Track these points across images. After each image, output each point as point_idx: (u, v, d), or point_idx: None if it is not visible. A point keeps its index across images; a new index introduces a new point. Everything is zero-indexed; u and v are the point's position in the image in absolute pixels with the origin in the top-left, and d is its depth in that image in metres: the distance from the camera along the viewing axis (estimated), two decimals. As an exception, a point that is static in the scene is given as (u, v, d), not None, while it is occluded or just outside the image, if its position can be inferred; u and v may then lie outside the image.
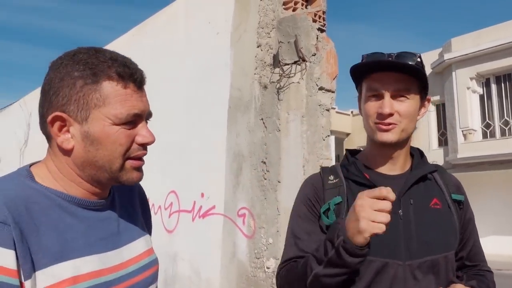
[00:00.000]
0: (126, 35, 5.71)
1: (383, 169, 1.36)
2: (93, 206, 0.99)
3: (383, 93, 1.27)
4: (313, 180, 1.43)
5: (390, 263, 1.23)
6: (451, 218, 1.32)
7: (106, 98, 0.92)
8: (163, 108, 4.65)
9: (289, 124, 3.41)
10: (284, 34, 3.53)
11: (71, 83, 0.91)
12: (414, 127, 1.33)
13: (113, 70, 0.93)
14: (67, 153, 0.95)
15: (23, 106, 8.16)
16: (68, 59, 0.94)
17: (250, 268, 3.52)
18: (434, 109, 17.32)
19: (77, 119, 0.92)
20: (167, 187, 4.53)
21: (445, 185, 1.36)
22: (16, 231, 0.82)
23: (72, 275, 0.88)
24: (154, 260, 1.13)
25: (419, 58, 1.28)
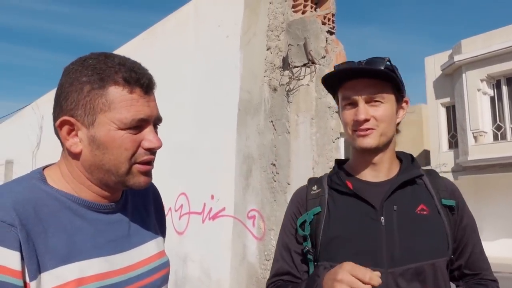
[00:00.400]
0: (136, 39, 5.76)
1: (367, 176, 1.35)
2: (103, 209, 1.00)
3: (357, 100, 1.28)
4: (298, 192, 1.47)
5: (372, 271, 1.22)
6: (440, 224, 1.27)
7: (112, 103, 0.93)
8: (173, 111, 4.69)
9: (299, 127, 3.43)
10: (293, 36, 3.55)
11: (79, 88, 0.93)
12: (394, 130, 1.33)
13: (120, 75, 0.94)
14: (76, 156, 0.97)
15: (35, 109, 8.26)
16: (79, 64, 0.96)
17: (260, 270, 3.54)
18: (444, 111, 17.21)
19: (84, 124, 0.94)
20: (177, 189, 4.56)
21: (435, 190, 1.32)
22: (22, 233, 0.84)
23: (77, 276, 0.89)
24: (165, 263, 1.13)
25: (388, 62, 1.28)
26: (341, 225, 1.29)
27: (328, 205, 1.34)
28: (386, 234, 1.24)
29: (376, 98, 1.27)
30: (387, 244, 1.23)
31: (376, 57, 1.30)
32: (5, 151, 9.86)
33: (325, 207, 1.33)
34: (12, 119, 10.58)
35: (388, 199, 1.28)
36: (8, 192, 0.90)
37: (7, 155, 9.70)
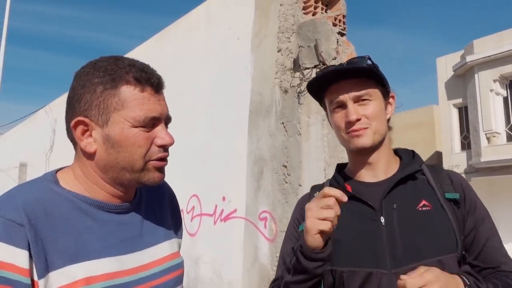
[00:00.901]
0: (148, 42, 5.81)
1: (365, 177, 1.33)
2: (115, 209, 1.02)
3: (345, 101, 1.27)
4: (301, 199, 1.47)
5: (374, 272, 1.19)
6: (445, 220, 1.22)
7: (125, 101, 0.96)
8: (185, 113, 4.72)
9: (310, 128, 3.43)
10: (304, 38, 3.56)
11: (92, 89, 0.96)
12: (386, 128, 1.31)
13: (131, 75, 0.97)
14: (91, 156, 0.99)
15: (48, 113, 8.36)
16: (90, 67, 0.99)
17: (272, 271, 3.54)
18: (456, 112, 17.05)
19: (98, 123, 0.96)
20: (189, 191, 4.58)
21: (438, 184, 1.28)
22: (31, 232, 0.86)
23: (85, 275, 0.90)
24: (178, 264, 1.14)
25: (369, 60, 1.28)
26: (342, 229, 1.25)
27: None
28: (386, 234, 1.22)
29: (364, 96, 1.26)
30: (389, 245, 1.21)
31: (356, 57, 1.31)
32: (19, 154, 9.99)
33: None
34: (26, 122, 10.72)
35: (387, 198, 1.26)
36: (20, 193, 0.93)
37: (21, 158, 9.83)
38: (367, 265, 1.21)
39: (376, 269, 1.19)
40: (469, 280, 1.12)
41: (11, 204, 0.88)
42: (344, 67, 1.28)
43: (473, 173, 15.92)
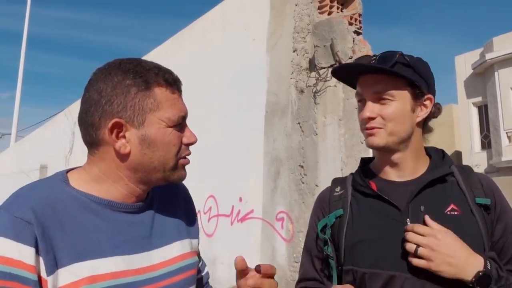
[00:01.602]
0: (164, 44, 5.86)
1: (391, 175, 1.29)
2: (126, 208, 1.02)
3: (365, 96, 1.24)
4: (322, 194, 1.43)
5: (397, 276, 1.16)
6: (474, 225, 1.17)
7: (160, 102, 0.99)
8: (201, 114, 4.75)
9: (326, 128, 3.41)
10: (319, 38, 3.54)
11: (125, 91, 0.97)
12: (408, 130, 1.23)
13: (161, 77, 1.00)
14: (124, 157, 0.99)
15: (68, 116, 8.50)
16: (116, 69, 0.99)
17: (289, 272, 3.53)
18: (476, 111, 16.78)
19: (134, 124, 0.98)
20: (206, 192, 4.60)
21: (469, 188, 1.22)
22: (39, 230, 0.87)
23: (90, 274, 0.91)
24: (190, 265, 1.13)
25: (400, 56, 1.21)
26: (364, 229, 1.25)
27: (352, 207, 1.29)
28: None
29: (383, 95, 1.21)
30: None
31: (389, 51, 1.24)
32: (40, 156, 10.17)
33: (347, 210, 1.29)
34: (46, 125, 10.90)
35: (414, 200, 1.21)
36: (29, 191, 0.94)
37: (41, 160, 10.01)
38: (389, 267, 1.18)
39: (399, 272, 1.16)
40: (491, 265, 1.09)
41: (19, 202, 0.90)
42: (363, 64, 1.25)
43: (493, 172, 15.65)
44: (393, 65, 1.20)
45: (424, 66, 1.27)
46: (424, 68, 1.25)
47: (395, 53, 1.22)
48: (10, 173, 11.88)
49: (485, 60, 15.38)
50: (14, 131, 17.27)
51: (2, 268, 0.83)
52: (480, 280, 1.07)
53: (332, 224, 1.31)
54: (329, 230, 1.30)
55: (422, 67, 1.25)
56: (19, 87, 17.12)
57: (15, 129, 17.30)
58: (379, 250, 1.21)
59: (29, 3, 17.62)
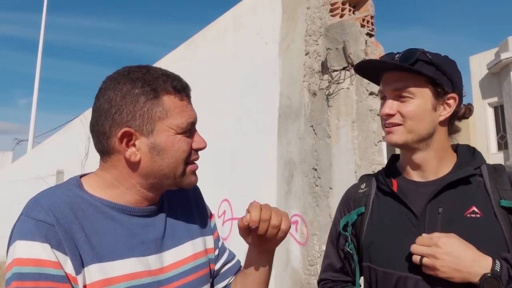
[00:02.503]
0: (178, 49, 5.91)
1: (413, 175, 1.27)
2: (138, 212, 1.05)
3: (386, 93, 1.24)
4: (348, 190, 1.45)
5: (409, 277, 1.16)
6: (496, 228, 1.12)
7: (168, 110, 1.00)
8: (214, 118, 4.77)
9: (340, 130, 3.41)
10: (332, 40, 3.54)
11: (134, 100, 0.99)
12: (427, 128, 1.21)
13: (169, 84, 1.02)
14: (134, 165, 1.02)
15: (83, 121, 8.61)
16: (125, 78, 1.01)
17: (304, 275, 3.52)
18: (492, 111, 16.55)
19: (143, 133, 1.00)
20: (220, 196, 4.62)
21: (495, 189, 1.17)
22: (61, 231, 0.90)
23: (106, 276, 0.93)
24: (203, 264, 1.15)
25: (422, 54, 1.19)
26: (382, 228, 1.26)
27: (373, 206, 1.30)
28: None
29: (403, 92, 1.20)
30: None
31: (410, 49, 1.22)
32: (56, 162, 10.31)
33: (369, 208, 1.31)
34: (62, 131, 11.05)
35: (433, 201, 1.19)
36: (47, 196, 0.97)
37: (58, 166, 10.14)
38: (403, 269, 1.18)
39: (411, 273, 1.16)
40: (502, 266, 1.06)
41: (39, 206, 0.93)
42: (382, 61, 1.25)
43: (511, 174, 15.33)
44: (414, 62, 1.19)
45: (450, 64, 1.24)
46: (449, 66, 1.22)
47: (416, 50, 1.20)
48: (27, 179, 12.06)
49: (501, 59, 15.16)
50: (31, 137, 17.54)
51: (35, 269, 0.86)
52: (488, 281, 1.05)
53: (354, 221, 1.33)
54: (351, 228, 1.32)
55: (447, 65, 1.22)
56: (35, 94, 17.39)
57: (32, 135, 17.57)
58: (394, 251, 1.22)
59: (45, 11, 17.92)
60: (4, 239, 1.00)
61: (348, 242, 1.32)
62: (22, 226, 0.90)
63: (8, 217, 7.41)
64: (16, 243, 0.88)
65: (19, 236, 0.89)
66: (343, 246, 1.36)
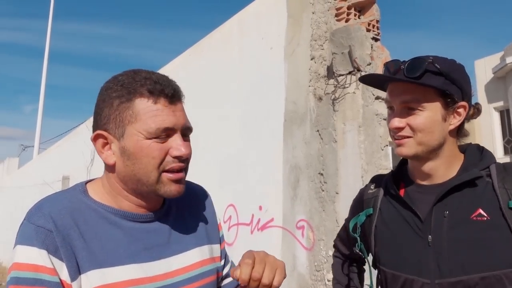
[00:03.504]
0: (183, 55, 5.93)
1: (422, 180, 1.26)
2: (140, 218, 1.04)
3: (394, 105, 1.21)
4: (360, 192, 1.47)
5: (415, 280, 1.17)
6: (505, 231, 1.10)
7: (138, 114, 0.98)
8: (220, 123, 4.77)
9: (346, 135, 3.39)
10: (337, 45, 3.54)
11: (109, 103, 1.00)
12: (437, 139, 1.18)
13: (145, 87, 0.99)
14: (111, 168, 1.03)
15: (89, 127, 8.64)
16: (111, 82, 1.03)
17: (311, 280, 3.50)
18: (498, 116, 16.47)
19: (116, 136, 1.00)
20: (226, 201, 4.61)
21: (504, 190, 1.13)
22: (59, 237, 0.91)
23: (108, 281, 0.93)
24: (210, 271, 1.13)
25: (430, 64, 1.15)
26: (388, 232, 1.27)
27: (381, 207, 1.31)
28: (433, 244, 1.16)
29: (412, 105, 1.17)
30: (434, 255, 1.16)
31: (417, 58, 1.18)
32: (62, 168, 10.35)
33: (377, 209, 1.31)
34: (68, 137, 11.11)
35: (439, 204, 1.18)
36: (50, 202, 0.98)
37: (64, 172, 10.18)
38: (409, 271, 1.19)
39: (417, 277, 1.17)
40: None
41: (40, 212, 0.94)
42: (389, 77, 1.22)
43: (518, 178, 15.22)
44: (422, 74, 1.15)
45: (458, 70, 1.20)
46: (457, 73, 1.19)
47: (424, 60, 1.16)
48: (33, 185, 12.10)
49: (506, 64, 15.10)
50: (37, 143, 17.63)
51: (31, 275, 0.88)
52: None
53: (363, 222, 1.35)
54: (359, 229, 1.34)
55: (455, 72, 1.19)
56: (41, 100, 17.51)
57: (38, 141, 17.66)
58: (400, 254, 1.23)
59: (51, 18, 18.07)
60: (11, 244, 1.02)
61: (358, 243, 1.33)
62: (23, 230, 0.92)
63: (15, 222, 7.43)
64: (17, 247, 0.91)
65: (20, 240, 0.91)
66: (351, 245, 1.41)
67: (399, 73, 1.19)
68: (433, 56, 1.18)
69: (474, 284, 1.10)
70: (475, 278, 1.10)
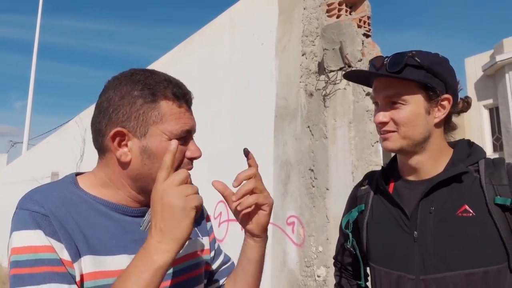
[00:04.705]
0: (174, 50, 5.89)
1: (410, 176, 1.27)
2: (130, 212, 1.05)
3: (378, 100, 1.24)
4: (354, 188, 1.48)
5: (401, 276, 1.19)
6: (490, 227, 1.10)
7: (164, 115, 1.00)
8: (211, 120, 4.76)
9: (336, 131, 3.40)
10: (328, 41, 3.54)
11: (131, 101, 0.99)
12: (421, 132, 1.19)
13: (169, 90, 1.02)
14: (125, 165, 1.02)
15: (78, 123, 8.57)
16: (127, 79, 1.02)
17: (301, 276, 3.51)
18: (487, 113, 16.62)
19: (136, 135, 1.00)
20: (216, 197, 4.57)
21: (490, 185, 1.13)
22: (56, 221, 0.91)
23: (99, 269, 0.94)
24: (196, 264, 1.15)
25: (410, 58, 1.16)
26: (378, 228, 1.29)
27: (372, 203, 1.32)
28: (418, 240, 1.17)
29: (394, 99, 1.19)
30: (420, 251, 1.17)
31: (398, 54, 1.19)
32: (51, 164, 10.27)
33: (368, 205, 1.33)
34: (57, 133, 11.02)
35: (425, 199, 1.19)
36: (41, 191, 0.98)
37: (53, 168, 10.10)
38: (397, 267, 1.21)
39: (403, 273, 1.19)
40: None
41: (32, 200, 0.94)
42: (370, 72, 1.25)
43: (506, 175, 15.40)
44: (402, 68, 1.16)
45: (440, 63, 1.21)
46: (440, 66, 1.20)
47: (404, 55, 1.17)
48: (22, 181, 11.99)
49: (496, 62, 15.24)
50: (26, 139, 17.47)
51: (30, 256, 0.88)
52: None
53: (355, 218, 1.36)
54: (352, 225, 1.35)
55: (438, 65, 1.19)
56: (30, 96, 17.33)
57: (27, 137, 17.49)
58: (386, 251, 1.25)
59: (40, 13, 17.87)
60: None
61: (350, 239, 1.34)
62: (17, 218, 0.92)
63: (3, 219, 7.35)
64: (13, 234, 0.91)
65: (14, 227, 0.91)
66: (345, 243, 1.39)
67: (382, 68, 1.21)
68: (415, 51, 1.19)
69: (458, 281, 1.11)
70: (460, 274, 1.11)
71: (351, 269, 1.48)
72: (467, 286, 1.10)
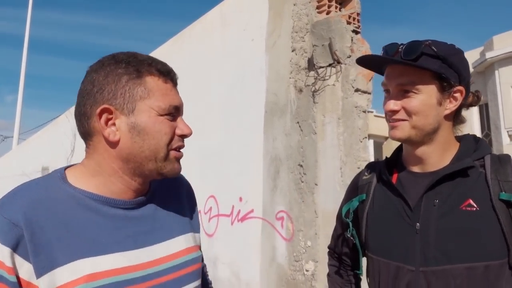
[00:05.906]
0: (164, 45, 5.88)
1: (415, 167, 1.26)
2: (122, 205, 1.01)
3: (389, 88, 1.21)
4: (354, 178, 1.46)
5: (401, 267, 1.19)
6: (494, 223, 1.10)
7: (150, 90, 0.99)
8: (201, 115, 4.76)
9: (325, 127, 3.42)
10: (318, 37, 3.55)
11: (116, 79, 0.97)
12: (431, 123, 1.18)
13: (154, 67, 1.01)
14: (113, 145, 0.99)
15: (69, 117, 8.52)
16: (109, 60, 1.00)
17: (290, 271, 3.54)
18: (477, 110, 16.76)
19: (124, 112, 0.97)
20: (206, 192, 4.61)
21: (496, 181, 1.12)
22: (27, 232, 0.87)
23: (91, 271, 0.90)
24: (195, 259, 1.11)
25: (426, 47, 1.14)
26: (379, 218, 1.27)
27: (374, 193, 1.31)
28: (420, 232, 1.17)
29: (407, 88, 1.16)
30: (421, 243, 1.16)
31: (414, 41, 1.17)
32: (42, 158, 10.20)
33: (370, 195, 1.31)
34: (48, 127, 10.94)
35: (430, 193, 1.18)
36: (23, 191, 0.94)
37: (43, 162, 10.03)
38: (396, 258, 1.20)
39: (403, 264, 1.18)
40: None
41: (11, 202, 0.90)
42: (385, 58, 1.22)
43: (495, 171, 15.54)
44: (419, 56, 1.14)
45: (456, 55, 1.19)
46: (455, 58, 1.18)
47: (421, 43, 1.15)
48: (12, 176, 11.91)
49: (486, 59, 15.36)
50: (16, 133, 17.32)
51: None
52: None
53: (356, 207, 1.35)
54: (352, 214, 1.34)
55: (454, 56, 1.18)
56: (21, 90, 17.17)
57: (17, 131, 17.34)
58: (388, 242, 1.24)
59: (30, 7, 17.68)
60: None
61: (350, 228, 1.32)
62: None
63: (-8, 214, 7.27)
64: None
65: None
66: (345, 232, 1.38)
67: (397, 55, 1.18)
68: (431, 40, 1.17)
69: (458, 274, 1.10)
70: (460, 267, 1.10)
71: (347, 259, 1.47)
72: (467, 280, 1.10)
